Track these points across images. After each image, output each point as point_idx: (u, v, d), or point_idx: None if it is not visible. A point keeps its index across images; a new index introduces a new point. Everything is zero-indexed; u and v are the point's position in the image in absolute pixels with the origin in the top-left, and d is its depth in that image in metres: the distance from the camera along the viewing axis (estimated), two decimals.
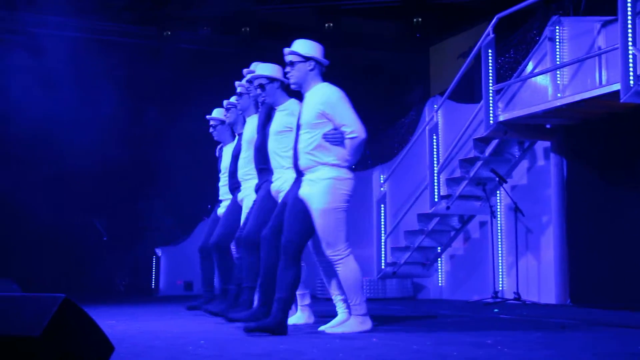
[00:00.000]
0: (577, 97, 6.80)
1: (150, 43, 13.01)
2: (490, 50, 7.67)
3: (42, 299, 2.84)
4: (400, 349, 3.89)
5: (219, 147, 7.13)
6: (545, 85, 7.66)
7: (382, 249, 10.48)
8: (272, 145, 5.37)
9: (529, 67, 7.97)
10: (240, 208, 6.12)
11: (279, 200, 5.20)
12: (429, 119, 9.43)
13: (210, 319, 6.16)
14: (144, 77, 12.42)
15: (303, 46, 4.85)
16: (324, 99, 4.69)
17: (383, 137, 11.78)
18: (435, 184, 8.83)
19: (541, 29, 8.09)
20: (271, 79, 5.42)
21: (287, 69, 4.91)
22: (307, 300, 5.79)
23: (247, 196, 5.97)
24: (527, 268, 8.28)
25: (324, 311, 6.36)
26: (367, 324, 4.83)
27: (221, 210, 6.82)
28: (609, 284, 7.35)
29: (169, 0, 12.57)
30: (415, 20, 13.25)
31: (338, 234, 4.70)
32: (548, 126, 7.91)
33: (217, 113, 6.92)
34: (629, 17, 6.11)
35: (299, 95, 5.32)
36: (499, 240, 8.66)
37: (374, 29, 14.03)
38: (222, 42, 13.50)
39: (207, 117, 6.95)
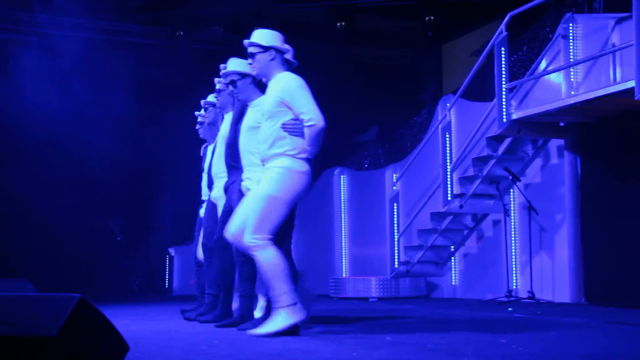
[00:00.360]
0: (591, 95, 6.76)
1: (164, 43, 13.05)
2: (503, 48, 7.64)
3: (58, 299, 2.85)
4: (414, 348, 3.89)
5: (203, 146, 7.00)
6: (559, 83, 7.62)
7: (395, 248, 10.46)
8: (244, 141, 5.23)
9: (542, 65, 7.93)
10: (215, 207, 5.98)
11: None
12: (442, 117, 9.41)
13: None
14: (157, 77, 12.46)
15: (262, 36, 4.75)
16: (283, 86, 4.59)
17: (396, 135, 11.77)
18: (449, 182, 8.81)
19: (554, 26, 8.04)
20: (243, 75, 5.28)
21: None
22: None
23: (220, 195, 5.80)
24: (541, 266, 8.24)
25: (335, 310, 6.35)
26: (298, 314, 4.44)
27: (202, 212, 6.64)
28: (624, 283, 7.30)
29: (182, 1, 12.61)
30: (427, 18, 13.21)
31: (265, 222, 4.43)
32: (562, 124, 7.87)
33: (203, 111, 6.76)
34: None
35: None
36: (513, 238, 8.63)
37: (387, 28, 14.01)
38: (235, 42, 13.50)
39: (196, 113, 6.80)
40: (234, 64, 5.36)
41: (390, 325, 5.32)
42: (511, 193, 8.69)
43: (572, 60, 7.49)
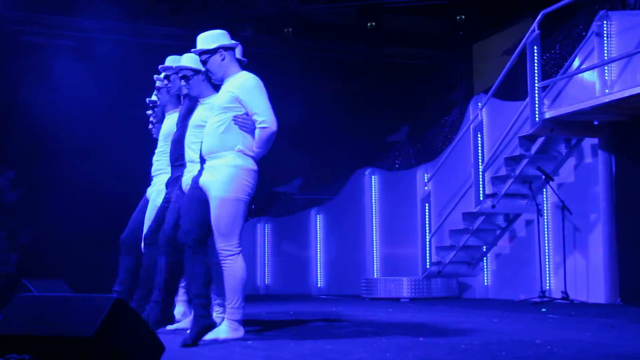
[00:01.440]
0: (626, 93, 6.68)
1: (194, 45, 13.14)
2: (535, 47, 7.57)
3: (94, 300, 2.89)
4: (447, 348, 3.87)
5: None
6: (593, 81, 7.53)
7: (427, 248, 10.42)
8: (189, 138, 5.15)
9: (576, 63, 7.85)
10: (147, 203, 5.89)
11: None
12: (474, 117, 9.35)
13: (256, 319, 6.20)
14: None
15: (206, 39, 4.64)
16: (240, 85, 4.50)
17: (427, 135, 11.72)
18: (480, 182, 8.75)
19: (588, 24, 7.95)
20: (196, 71, 5.11)
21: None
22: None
23: (157, 191, 5.73)
24: (575, 267, 8.15)
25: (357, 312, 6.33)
26: (240, 332, 4.44)
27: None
28: None
29: (212, 3, 12.69)
30: (458, 17, 13.15)
31: (234, 227, 4.39)
32: (596, 123, 7.78)
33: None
34: None
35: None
36: (546, 238, 8.55)
37: (417, 28, 13.97)
38: (264, 43, 13.58)
39: (147, 112, 6.58)
40: (188, 60, 5.14)
41: (423, 325, 5.30)
42: (544, 193, 8.61)
43: (606, 58, 7.39)
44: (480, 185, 8.74)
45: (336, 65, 13.61)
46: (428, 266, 9.94)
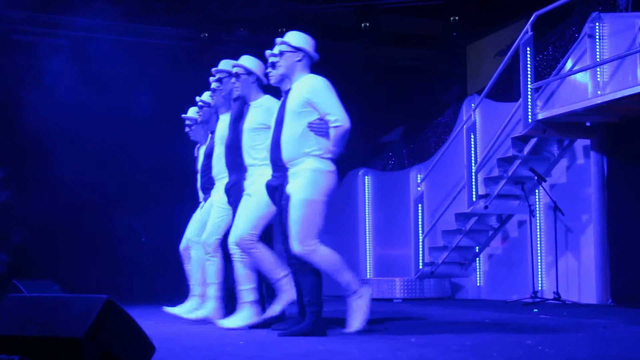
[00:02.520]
0: (618, 95, 6.70)
1: (189, 45, 13.11)
2: (528, 48, 7.59)
3: (85, 300, 2.89)
4: (439, 349, 3.88)
5: (196, 147, 6.96)
6: (585, 83, 7.55)
7: (420, 249, 10.44)
8: (246, 142, 5.25)
9: (568, 65, 7.87)
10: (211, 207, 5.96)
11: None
12: (467, 117, 9.37)
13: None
14: (182, 78, 12.53)
15: (294, 37, 4.82)
16: (310, 87, 4.62)
17: (420, 136, 11.73)
18: (473, 183, 8.76)
19: (580, 25, 7.98)
20: (248, 72, 5.33)
21: (276, 59, 4.85)
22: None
23: (219, 196, 5.80)
24: (567, 267, 8.17)
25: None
26: (368, 291, 4.70)
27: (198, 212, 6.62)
28: None
29: (208, 2, 12.66)
30: (452, 18, 13.16)
31: (312, 228, 4.51)
32: (588, 124, 7.80)
33: (192, 112, 6.74)
34: None
35: (275, 93, 5.25)
36: (538, 239, 8.57)
37: (411, 28, 13.96)
38: (259, 43, 13.56)
39: (183, 116, 6.78)
40: (243, 59, 5.40)
41: (415, 326, 5.31)
42: (536, 194, 8.63)
43: (598, 59, 7.42)
44: (473, 186, 8.75)
45: (330, 65, 13.59)
46: (421, 267, 9.95)
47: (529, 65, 7.55)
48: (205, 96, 6.26)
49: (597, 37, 7.49)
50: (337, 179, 4.63)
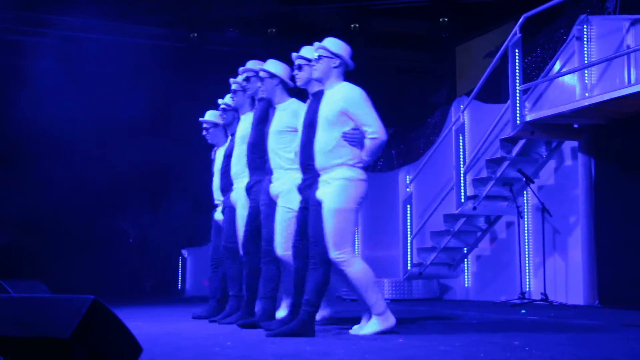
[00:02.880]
0: (606, 97, 6.73)
1: (178, 45, 13.09)
2: (517, 50, 7.62)
3: (71, 301, 2.87)
4: (427, 350, 3.88)
5: (213, 150, 7.02)
6: (573, 85, 7.59)
7: (408, 250, 10.45)
8: (272, 144, 5.31)
9: (557, 67, 7.90)
10: (234, 210, 5.99)
11: (279, 202, 5.21)
12: (455, 119, 9.39)
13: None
14: (171, 78, 12.51)
15: (332, 43, 4.87)
16: (347, 97, 4.66)
17: (409, 137, 11.75)
18: (462, 184, 8.78)
19: (568, 28, 8.01)
20: (272, 75, 5.41)
21: (303, 61, 4.96)
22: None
23: (240, 197, 5.84)
24: (555, 269, 8.21)
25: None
26: (391, 320, 4.74)
27: (218, 215, 6.68)
28: (638, 285, 7.26)
29: (196, 2, 12.64)
30: (441, 20, 13.20)
31: (346, 236, 4.60)
32: (576, 126, 7.84)
33: (209, 115, 6.81)
34: None
35: (300, 96, 5.33)
36: (526, 240, 8.60)
37: (400, 29, 13.99)
38: (248, 43, 13.56)
39: (200, 119, 6.86)
40: (268, 63, 5.49)
41: (403, 327, 5.31)
42: (525, 195, 8.66)
43: (586, 61, 7.45)
44: (462, 187, 8.77)
45: None
46: (409, 268, 9.96)
47: (517, 67, 7.58)
48: (228, 99, 6.35)
49: (585, 39, 7.53)
50: (367, 186, 4.72)
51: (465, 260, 9.62)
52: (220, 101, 6.46)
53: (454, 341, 4.26)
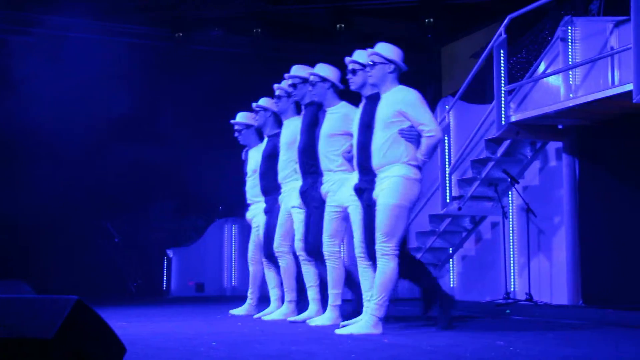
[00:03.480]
0: (590, 98, 6.77)
1: (163, 44, 13.04)
2: (502, 51, 7.64)
3: (55, 301, 2.85)
4: (412, 350, 3.89)
5: (244, 150, 7.18)
6: (558, 86, 7.62)
7: None
8: (323, 147, 5.48)
9: (541, 68, 7.93)
10: (278, 210, 6.22)
11: (327, 202, 5.42)
12: (441, 119, 9.41)
13: (222, 321, 6.17)
14: (156, 78, 12.46)
15: (385, 49, 5.01)
16: (404, 99, 4.83)
17: None
18: (447, 184, 8.80)
19: (553, 29, 8.05)
20: (323, 79, 5.56)
21: (357, 66, 5.15)
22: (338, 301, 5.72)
23: (288, 198, 6.04)
24: (539, 269, 8.24)
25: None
26: (379, 329, 4.78)
27: (250, 214, 6.93)
28: (622, 285, 7.31)
29: (182, 2, 12.60)
30: (426, 20, 13.21)
31: (396, 230, 4.74)
32: (560, 127, 7.88)
33: (241, 117, 6.97)
34: None
35: (351, 99, 5.50)
36: (511, 241, 8.63)
37: (386, 30, 13.99)
38: (234, 43, 13.53)
39: (232, 121, 7.02)
40: (319, 68, 5.68)
41: (388, 327, 5.32)
42: (510, 195, 8.69)
43: (570, 63, 7.49)
44: (447, 188, 8.79)
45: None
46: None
47: (502, 68, 7.60)
48: (262, 101, 6.56)
49: (570, 40, 7.57)
50: (420, 186, 4.85)
51: (451, 260, 9.64)
52: (254, 104, 6.64)
53: (439, 341, 4.27)
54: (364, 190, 5.00)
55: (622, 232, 7.38)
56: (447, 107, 9.33)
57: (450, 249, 9.42)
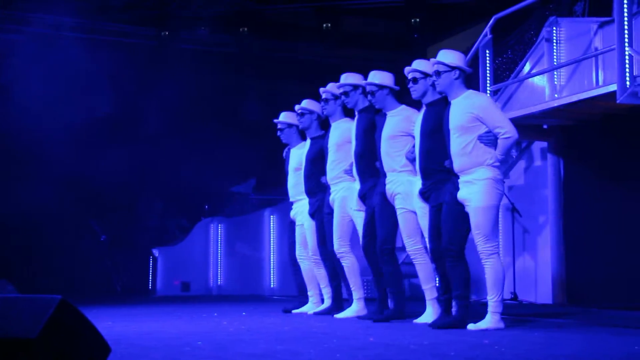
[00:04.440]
0: (574, 98, 6.81)
1: (150, 43, 13.00)
2: (487, 51, 7.68)
3: (39, 301, 2.83)
4: (397, 348, 3.90)
5: (285, 149, 7.34)
6: (543, 86, 7.66)
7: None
8: (386, 148, 5.64)
9: (526, 68, 7.98)
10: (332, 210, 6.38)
11: (394, 202, 5.60)
12: None
13: (208, 320, 6.17)
14: (142, 77, 12.42)
15: (447, 56, 5.15)
16: (476, 104, 4.99)
17: None
18: None
19: (538, 29, 8.10)
20: (380, 86, 5.78)
21: (417, 74, 5.37)
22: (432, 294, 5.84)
23: (339, 198, 6.23)
24: (524, 268, 8.28)
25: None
26: (501, 323, 5.00)
27: (293, 212, 7.04)
28: (606, 284, 7.36)
29: (168, 0, 12.57)
30: (413, 20, 13.26)
31: (494, 230, 4.97)
32: (545, 126, 7.92)
33: (284, 117, 7.13)
34: (625, 19, 6.12)
35: (409, 103, 5.72)
36: None
37: (372, 30, 14.03)
38: (220, 42, 13.51)
39: (275, 120, 7.18)
40: (374, 76, 5.88)
41: (374, 326, 5.33)
42: None
43: (555, 63, 7.53)
44: None
45: (292, 65, 13.63)
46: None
47: (488, 68, 7.64)
48: (305, 103, 6.76)
49: (554, 41, 7.61)
50: (503, 185, 5.09)
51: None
52: (297, 107, 6.81)
53: (424, 340, 4.28)
54: (429, 193, 5.24)
55: (607, 231, 7.43)
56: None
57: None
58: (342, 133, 6.26)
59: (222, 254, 12.54)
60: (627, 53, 6.09)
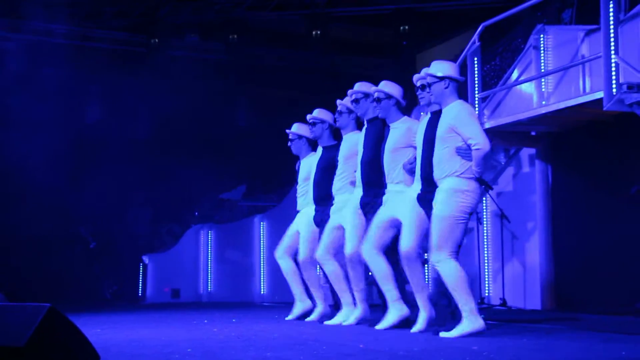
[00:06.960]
0: (562, 105, 6.86)
1: (140, 50, 12.99)
2: (476, 58, 7.72)
3: (27, 309, 2.83)
4: (387, 355, 3.91)
5: (297, 162, 7.32)
6: (530, 93, 7.71)
7: None
8: (388, 161, 5.68)
9: (514, 75, 8.02)
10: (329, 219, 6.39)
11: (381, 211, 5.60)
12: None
13: (198, 327, 6.16)
14: (132, 84, 12.41)
15: (438, 67, 5.21)
16: (454, 114, 5.03)
17: None
18: None
19: (526, 37, 8.15)
20: (388, 95, 5.78)
21: (424, 81, 5.32)
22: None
23: (340, 209, 6.24)
24: (513, 274, 8.31)
25: None
26: (478, 321, 4.98)
27: (298, 220, 7.04)
28: (594, 290, 7.39)
29: (158, 8, 12.57)
30: (402, 27, 13.31)
31: (447, 240, 4.92)
32: (533, 133, 7.96)
33: (296, 128, 7.12)
34: (612, 26, 6.17)
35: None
36: (485, 246, 8.69)
37: (362, 37, 14.08)
38: (209, 49, 13.52)
39: (287, 131, 7.17)
40: (384, 85, 5.87)
41: (364, 332, 5.34)
42: (484, 201, 8.76)
43: (543, 70, 7.58)
44: None
45: (281, 73, 13.66)
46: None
47: (476, 75, 7.68)
48: (316, 113, 6.75)
49: (542, 48, 7.66)
50: (476, 198, 5.05)
51: (426, 265, 9.67)
52: (308, 116, 6.80)
53: (414, 346, 4.30)
54: (427, 200, 5.22)
55: (595, 236, 7.47)
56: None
57: (426, 254, 9.44)
58: (351, 146, 6.28)
59: (212, 260, 12.52)
60: (613, 60, 6.14)
